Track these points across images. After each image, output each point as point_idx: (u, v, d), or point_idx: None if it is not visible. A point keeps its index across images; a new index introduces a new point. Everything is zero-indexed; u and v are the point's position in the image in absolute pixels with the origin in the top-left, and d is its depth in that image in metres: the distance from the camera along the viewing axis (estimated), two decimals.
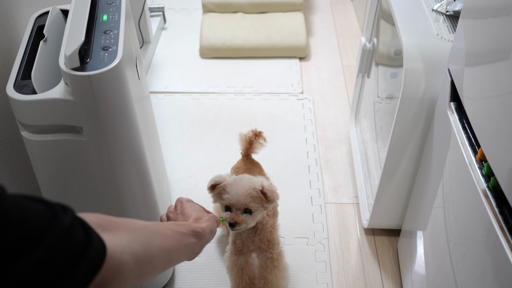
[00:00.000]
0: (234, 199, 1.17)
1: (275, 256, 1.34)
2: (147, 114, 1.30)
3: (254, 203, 1.18)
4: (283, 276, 1.39)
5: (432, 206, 1.15)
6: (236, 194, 1.17)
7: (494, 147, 0.82)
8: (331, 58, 2.48)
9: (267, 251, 1.33)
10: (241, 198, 1.17)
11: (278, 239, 1.36)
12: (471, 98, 0.94)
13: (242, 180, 1.19)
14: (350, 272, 1.51)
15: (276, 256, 1.34)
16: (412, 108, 1.23)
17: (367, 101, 1.78)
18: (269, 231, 1.32)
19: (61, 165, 1.09)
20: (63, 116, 1.00)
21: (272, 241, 1.33)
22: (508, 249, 0.74)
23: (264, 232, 1.30)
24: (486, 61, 0.88)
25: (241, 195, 1.17)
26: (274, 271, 1.36)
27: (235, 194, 1.17)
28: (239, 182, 1.19)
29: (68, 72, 0.95)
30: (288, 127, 2.04)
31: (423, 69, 1.20)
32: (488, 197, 0.83)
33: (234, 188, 1.18)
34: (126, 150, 1.10)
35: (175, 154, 1.92)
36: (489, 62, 0.87)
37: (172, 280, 1.48)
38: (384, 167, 1.38)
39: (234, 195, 1.17)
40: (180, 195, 1.75)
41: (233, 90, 2.25)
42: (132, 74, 1.10)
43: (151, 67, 2.39)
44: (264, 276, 1.37)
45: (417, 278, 1.27)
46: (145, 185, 1.20)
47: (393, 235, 1.60)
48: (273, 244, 1.33)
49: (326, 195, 1.75)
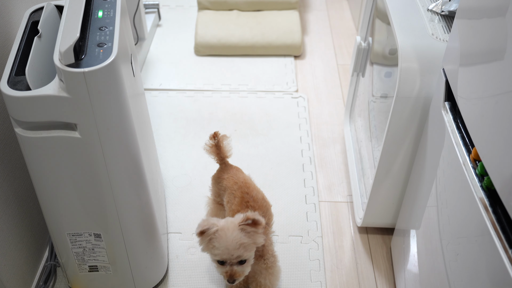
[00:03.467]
0: (226, 254, 1.15)
1: (270, 264, 1.34)
2: (141, 111, 1.30)
3: (247, 251, 1.16)
4: (277, 278, 1.38)
5: (426, 205, 1.15)
6: (227, 249, 1.14)
7: (488, 147, 0.83)
8: (326, 56, 2.48)
9: (262, 262, 1.32)
10: (233, 252, 1.14)
11: (272, 249, 1.35)
12: (465, 98, 0.95)
13: (228, 231, 1.15)
14: (343, 270, 1.51)
15: (270, 264, 1.34)
16: (407, 107, 1.24)
17: (361, 100, 1.79)
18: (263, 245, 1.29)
19: (55, 162, 1.09)
20: (58, 113, 1.00)
21: (266, 253, 1.32)
22: (501, 248, 0.75)
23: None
24: (481, 61, 0.89)
25: (233, 248, 1.14)
26: (267, 276, 1.36)
27: (225, 249, 1.14)
28: (226, 234, 1.14)
29: (62, 69, 0.94)
30: (282, 125, 2.04)
31: (418, 68, 1.20)
32: (482, 196, 0.83)
33: (224, 243, 1.14)
34: (120, 147, 1.09)
35: (169, 152, 1.91)
36: (484, 62, 0.87)
37: (165, 278, 1.48)
38: (378, 166, 1.38)
39: (225, 250, 1.14)
40: (174, 193, 1.74)
41: (228, 88, 2.25)
42: (127, 71, 1.10)
43: (145, 64, 2.38)
44: (257, 279, 1.37)
45: (410, 276, 1.27)
46: (139, 182, 1.20)
47: (386, 234, 1.61)
48: (267, 253, 1.32)
49: (320, 194, 1.76)
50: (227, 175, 1.40)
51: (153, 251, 1.36)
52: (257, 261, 1.32)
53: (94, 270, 1.35)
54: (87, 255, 1.31)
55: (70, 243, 1.27)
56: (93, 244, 1.28)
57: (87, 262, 1.33)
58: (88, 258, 1.31)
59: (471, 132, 0.91)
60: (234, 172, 1.41)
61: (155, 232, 1.34)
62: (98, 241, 1.27)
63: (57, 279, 1.47)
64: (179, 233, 1.61)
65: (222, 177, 1.42)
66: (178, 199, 1.73)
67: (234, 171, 1.42)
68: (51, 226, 1.24)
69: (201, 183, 1.78)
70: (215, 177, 1.47)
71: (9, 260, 1.28)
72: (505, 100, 0.77)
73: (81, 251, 1.29)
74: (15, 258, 1.32)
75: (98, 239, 1.26)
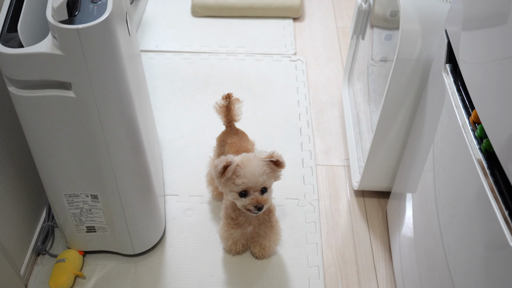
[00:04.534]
0: (251, 181, 1.14)
1: (274, 224, 1.35)
2: (137, 72, 1.27)
3: (269, 179, 1.16)
4: (279, 238, 1.40)
5: (423, 169, 1.15)
6: (253, 175, 1.13)
7: (488, 109, 0.82)
8: (325, 19, 2.43)
9: (268, 221, 1.33)
10: (259, 178, 1.14)
11: (274, 205, 1.36)
12: (467, 61, 0.93)
13: (252, 160, 1.16)
14: (339, 233, 1.53)
15: (274, 223, 1.35)
16: (407, 70, 1.22)
17: (360, 63, 1.76)
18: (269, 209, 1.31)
19: (50, 122, 1.08)
20: (52, 71, 0.98)
21: (272, 210, 1.33)
22: (498, 210, 0.75)
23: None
24: (484, 23, 0.87)
25: (258, 175, 1.14)
26: (271, 238, 1.37)
27: (251, 175, 1.13)
28: (250, 163, 1.15)
29: (55, 25, 0.92)
30: (280, 89, 2.02)
31: (419, 30, 1.18)
32: (480, 158, 0.83)
33: (248, 171, 1.14)
34: (116, 107, 1.08)
35: (166, 114, 1.90)
36: (488, 24, 0.85)
37: (163, 239, 1.49)
38: (376, 130, 1.37)
39: (251, 177, 1.13)
40: (171, 155, 1.74)
41: (225, 50, 2.21)
42: (122, 29, 1.07)
43: (141, 25, 2.33)
44: (260, 242, 1.38)
45: (405, 239, 1.29)
46: (135, 143, 1.19)
47: (382, 197, 1.62)
48: (272, 213, 1.33)
49: (317, 157, 1.76)
50: (231, 141, 1.39)
51: (150, 212, 1.37)
52: (261, 224, 1.33)
53: (92, 231, 1.36)
54: (84, 216, 1.31)
55: (67, 204, 1.27)
56: (90, 205, 1.28)
57: (85, 223, 1.33)
58: (85, 219, 1.32)
59: (471, 94, 0.90)
60: (238, 139, 1.40)
61: (152, 193, 1.34)
62: (95, 202, 1.27)
63: (55, 240, 1.49)
64: (176, 195, 1.62)
65: (225, 141, 1.41)
66: (175, 161, 1.73)
67: (239, 137, 1.41)
68: (47, 187, 1.24)
69: (198, 146, 1.77)
70: (219, 139, 1.46)
71: (7, 220, 1.29)
72: (508, 62, 0.76)
73: (78, 212, 1.30)
74: (13, 218, 1.32)
75: (95, 200, 1.27)
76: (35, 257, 1.43)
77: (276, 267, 1.43)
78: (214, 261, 1.44)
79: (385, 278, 1.42)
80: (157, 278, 1.40)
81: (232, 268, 1.42)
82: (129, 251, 1.41)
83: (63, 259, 1.37)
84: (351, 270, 1.44)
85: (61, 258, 1.38)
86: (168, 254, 1.46)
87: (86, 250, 1.44)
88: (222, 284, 1.39)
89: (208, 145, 1.71)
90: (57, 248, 1.47)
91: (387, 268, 1.44)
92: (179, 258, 1.45)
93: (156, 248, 1.47)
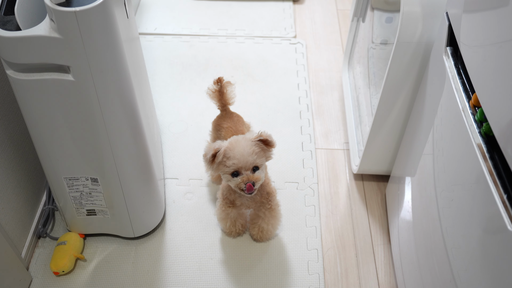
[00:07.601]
0: (242, 161, 1.15)
1: (274, 207, 1.35)
2: (136, 55, 1.26)
3: (259, 158, 1.17)
4: (278, 222, 1.41)
5: (422, 153, 1.15)
6: (242, 155, 1.15)
7: (488, 92, 0.82)
8: (325, 1, 2.41)
9: (267, 203, 1.34)
10: (248, 158, 1.15)
11: (275, 188, 1.37)
12: (468, 44, 0.93)
13: (241, 141, 1.17)
14: (338, 216, 1.54)
15: (274, 207, 1.35)
16: (408, 53, 1.21)
17: (361, 46, 1.75)
18: (267, 183, 1.32)
19: (49, 106, 1.07)
20: (50, 55, 0.97)
21: (271, 193, 1.33)
22: (496, 194, 0.75)
23: (263, 186, 1.30)
24: (486, 5, 0.86)
25: (247, 154, 1.15)
26: (269, 221, 1.38)
27: (241, 156, 1.15)
28: (239, 144, 1.16)
29: (53, 8, 0.91)
30: (280, 72, 2.01)
31: (420, 12, 1.17)
32: (480, 142, 0.83)
33: (237, 151, 1.15)
34: (115, 91, 1.07)
35: (165, 98, 1.89)
36: (489, 6, 0.84)
37: (163, 222, 1.50)
38: (376, 114, 1.37)
39: (241, 157, 1.15)
40: (170, 139, 1.74)
41: (225, 33, 2.20)
42: (120, 12, 1.06)
43: (140, 8, 2.31)
44: (259, 224, 1.39)
45: (403, 223, 1.30)
46: (135, 127, 1.19)
47: (381, 181, 1.62)
48: (272, 196, 1.34)
49: (317, 141, 1.76)
50: (227, 125, 1.39)
51: (150, 195, 1.37)
52: (260, 206, 1.33)
53: (92, 214, 1.37)
54: (85, 199, 1.32)
55: (67, 187, 1.28)
56: (90, 188, 1.29)
57: (85, 206, 1.34)
58: (85, 202, 1.33)
59: (472, 77, 0.89)
60: (234, 123, 1.40)
61: (152, 177, 1.35)
62: (95, 186, 1.28)
63: (56, 223, 1.50)
64: (176, 179, 1.62)
65: (221, 125, 1.40)
66: (175, 145, 1.73)
67: (234, 121, 1.40)
68: (47, 171, 1.24)
69: (198, 130, 1.77)
70: (215, 123, 1.45)
71: (7, 203, 1.29)
72: (509, 45, 0.75)
73: (78, 195, 1.30)
74: (13, 201, 1.32)
75: (95, 183, 1.27)
76: (36, 240, 1.44)
77: (276, 250, 1.44)
78: (214, 243, 1.45)
79: (383, 261, 1.43)
80: (157, 260, 1.41)
81: (231, 250, 1.44)
82: (129, 234, 1.42)
83: (64, 242, 1.38)
84: (350, 253, 1.45)
85: (62, 241, 1.39)
86: (168, 237, 1.47)
87: (86, 233, 1.45)
88: (222, 267, 1.40)
89: (208, 129, 1.70)
90: (57, 231, 1.47)
91: (386, 251, 1.45)
92: (179, 241, 1.46)
93: (156, 231, 1.48)
